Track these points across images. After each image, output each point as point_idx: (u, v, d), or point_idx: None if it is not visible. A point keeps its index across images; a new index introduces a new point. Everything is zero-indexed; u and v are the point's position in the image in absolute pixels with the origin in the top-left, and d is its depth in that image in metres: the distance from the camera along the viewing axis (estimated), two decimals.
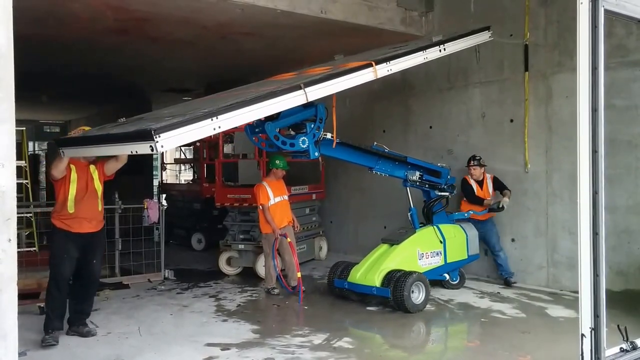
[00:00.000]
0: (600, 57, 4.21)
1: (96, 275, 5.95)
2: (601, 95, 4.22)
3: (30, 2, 6.50)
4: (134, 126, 4.76)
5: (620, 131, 6.84)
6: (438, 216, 7.49)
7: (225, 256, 9.00)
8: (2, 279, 3.09)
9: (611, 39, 6.70)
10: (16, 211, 3.19)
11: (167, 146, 4.01)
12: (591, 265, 4.24)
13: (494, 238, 7.96)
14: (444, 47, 6.56)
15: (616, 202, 6.86)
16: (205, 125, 4.29)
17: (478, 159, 7.99)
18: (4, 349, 3.09)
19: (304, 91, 5.06)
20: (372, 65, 5.71)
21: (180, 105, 6.81)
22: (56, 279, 5.58)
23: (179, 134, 4.08)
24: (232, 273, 8.94)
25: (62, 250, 5.58)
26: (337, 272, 7.20)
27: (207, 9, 7.31)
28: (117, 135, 4.64)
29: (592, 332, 4.23)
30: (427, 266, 7.10)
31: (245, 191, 8.80)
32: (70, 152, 5.27)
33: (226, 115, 4.44)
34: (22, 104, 5.67)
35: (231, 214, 9.10)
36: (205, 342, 5.57)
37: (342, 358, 5.10)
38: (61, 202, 5.62)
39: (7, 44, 3.11)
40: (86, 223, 5.68)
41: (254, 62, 10.41)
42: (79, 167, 5.70)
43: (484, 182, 8.00)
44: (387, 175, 7.17)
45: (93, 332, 5.80)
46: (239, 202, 8.92)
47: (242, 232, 8.97)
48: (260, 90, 5.28)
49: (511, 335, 5.78)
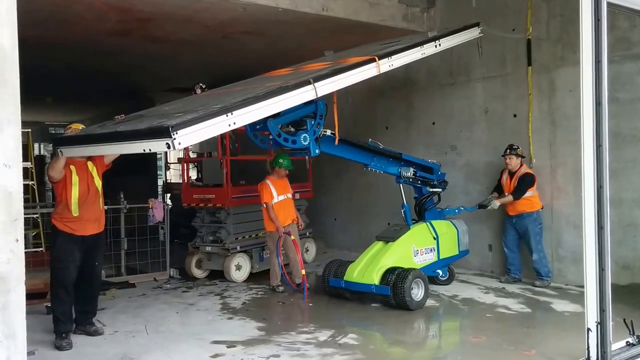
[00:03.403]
0: (603, 50, 4.21)
1: (99, 276, 5.90)
2: (605, 89, 4.22)
3: (35, 4, 6.52)
4: (141, 123, 4.65)
5: (625, 124, 6.82)
6: (430, 212, 7.49)
7: (194, 258, 8.70)
8: (10, 279, 3.11)
9: (614, 31, 6.68)
10: (23, 212, 3.21)
11: (185, 143, 3.88)
12: (597, 259, 4.24)
13: (528, 236, 7.52)
14: (439, 43, 6.58)
15: (621, 196, 6.85)
16: (221, 122, 4.19)
17: (515, 148, 7.57)
18: (13, 348, 3.11)
19: (314, 86, 5.02)
20: (375, 60, 5.69)
21: (178, 102, 6.58)
22: (64, 283, 5.49)
23: (195, 131, 3.96)
24: (201, 276, 8.67)
25: (67, 254, 5.49)
26: (331, 271, 7.05)
27: (209, 8, 7.31)
28: (127, 133, 4.43)
29: (598, 326, 4.24)
30: (422, 263, 7.06)
31: (211, 191, 8.56)
32: (70, 152, 5.08)
33: (241, 110, 4.34)
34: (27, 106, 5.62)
35: (199, 215, 8.81)
36: (212, 339, 5.59)
37: (347, 354, 5.11)
38: (63, 204, 5.50)
39: (12, 45, 3.12)
40: (90, 225, 5.61)
41: (256, 61, 10.41)
42: (79, 167, 5.56)
43: (515, 175, 7.60)
44: (382, 172, 7.15)
45: (100, 331, 5.80)
46: (204, 203, 8.58)
47: (211, 233, 8.59)
48: (266, 86, 5.19)
49: (516, 330, 5.78)
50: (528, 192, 7.49)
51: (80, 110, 19.88)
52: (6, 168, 3.08)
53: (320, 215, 10.88)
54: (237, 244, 8.35)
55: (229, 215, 8.38)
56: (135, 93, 15.23)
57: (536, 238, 7.50)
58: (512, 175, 7.62)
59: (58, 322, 5.48)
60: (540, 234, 7.55)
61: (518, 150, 7.58)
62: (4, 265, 3.08)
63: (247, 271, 8.44)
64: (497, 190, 7.88)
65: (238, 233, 8.45)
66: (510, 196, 7.51)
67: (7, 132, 3.10)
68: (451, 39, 6.82)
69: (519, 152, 7.58)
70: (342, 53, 7.23)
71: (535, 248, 7.51)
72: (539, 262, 7.52)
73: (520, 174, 7.53)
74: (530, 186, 7.49)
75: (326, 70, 5.52)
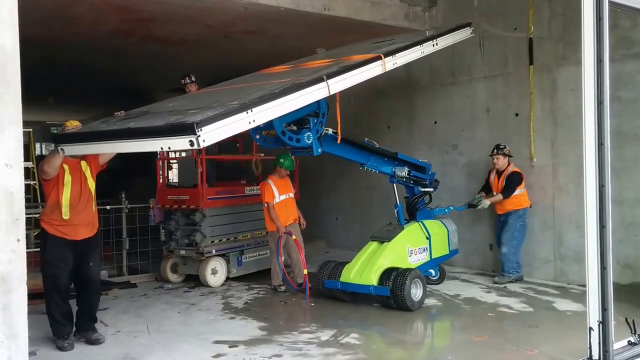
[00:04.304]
0: (605, 49, 4.20)
1: (96, 278, 5.61)
2: (606, 88, 4.22)
3: (36, 4, 6.52)
4: (153, 119, 4.42)
5: (626, 123, 6.81)
6: (421, 212, 7.49)
7: (169, 262, 8.33)
8: (11, 279, 3.11)
9: (616, 31, 6.66)
10: (24, 212, 3.21)
11: (209, 141, 3.67)
12: (598, 259, 4.24)
13: (505, 234, 7.65)
14: (436, 42, 6.57)
15: (623, 195, 6.84)
16: (242, 119, 4.03)
17: (502, 147, 7.71)
18: (14, 348, 3.12)
19: (327, 83, 4.93)
20: (381, 58, 5.64)
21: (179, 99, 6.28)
22: (58, 288, 5.25)
23: (219, 128, 3.79)
24: (176, 280, 8.32)
25: (59, 259, 5.22)
26: (326, 273, 6.91)
27: (211, 7, 7.32)
28: (144, 130, 4.14)
29: (600, 326, 4.23)
30: (416, 262, 7.03)
31: (185, 192, 8.19)
32: (73, 150, 4.77)
33: (261, 107, 4.17)
34: (29, 106, 5.58)
35: (174, 217, 8.33)
36: (213, 339, 5.59)
37: (349, 354, 5.11)
38: (52, 205, 5.20)
39: (13, 45, 3.12)
40: (82, 229, 5.32)
41: (257, 61, 10.35)
42: (72, 167, 5.27)
43: (502, 174, 7.72)
44: (377, 172, 7.14)
45: (101, 340, 5.51)
46: (178, 204, 8.18)
47: (186, 236, 8.15)
48: (273, 83, 5.05)
49: (519, 329, 5.77)
50: (517, 190, 7.58)
51: (82, 110, 19.89)
52: (7, 168, 3.09)
53: (322, 214, 10.89)
54: (213, 248, 7.97)
55: (204, 217, 7.99)
56: (136, 93, 15.24)
57: (513, 234, 7.63)
58: (500, 175, 7.73)
59: (57, 325, 5.33)
60: (520, 230, 7.66)
61: (505, 149, 7.70)
62: (6, 265, 3.09)
63: (223, 276, 8.09)
64: (485, 190, 7.96)
65: (214, 236, 8.04)
66: (499, 195, 7.60)
67: (8, 132, 3.10)
68: (445, 39, 6.81)
69: (506, 152, 7.70)
70: (334, 50, 7.19)
71: (508, 242, 7.63)
72: (506, 257, 7.63)
73: (508, 173, 7.64)
74: (519, 184, 7.59)
75: (336, 68, 5.40)
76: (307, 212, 8.25)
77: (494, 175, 7.82)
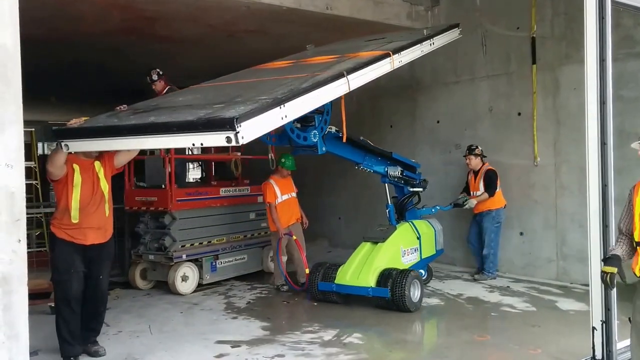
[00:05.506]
0: (607, 48, 4.19)
1: (104, 291, 5.25)
2: (609, 87, 4.21)
3: (37, 2, 6.52)
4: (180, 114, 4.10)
5: (629, 122, 6.77)
6: (410, 212, 7.48)
7: (138, 268, 7.84)
8: (12, 279, 3.11)
9: (619, 30, 6.64)
10: (25, 212, 3.20)
11: (247, 137, 3.46)
12: (601, 258, 4.22)
13: (484, 237, 7.80)
14: (433, 42, 6.59)
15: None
16: (275, 115, 3.83)
17: (474, 148, 7.90)
18: (15, 349, 3.12)
19: (347, 79, 4.84)
20: (389, 55, 5.60)
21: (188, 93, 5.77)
22: (67, 299, 4.87)
23: (256, 124, 3.60)
24: (145, 287, 7.86)
25: (69, 265, 4.86)
26: (319, 275, 6.78)
27: (213, 6, 7.31)
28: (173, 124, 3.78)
29: (603, 325, 4.22)
30: (409, 263, 7.01)
31: (153, 193, 7.72)
32: (80, 146, 4.43)
33: (293, 103, 4.00)
34: (30, 105, 5.55)
35: (143, 220, 7.82)
36: (216, 339, 5.58)
37: (352, 354, 5.10)
38: (62, 208, 4.86)
39: (14, 44, 3.12)
40: (92, 233, 4.94)
41: (259, 60, 10.34)
42: (83, 167, 4.91)
43: (478, 174, 7.88)
44: (371, 172, 7.13)
45: (101, 353, 5.19)
46: (147, 206, 7.71)
47: (155, 240, 7.62)
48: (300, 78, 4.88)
49: (521, 329, 5.76)
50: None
51: (84, 109, 19.81)
52: (8, 168, 3.09)
53: (325, 214, 10.87)
54: (183, 252, 7.48)
55: (173, 220, 7.48)
56: (139, 92, 15.24)
57: (490, 235, 7.78)
58: (476, 174, 7.87)
59: (64, 344, 4.94)
60: (495, 232, 7.80)
61: (476, 150, 7.89)
62: (7, 265, 3.08)
63: (195, 283, 7.65)
64: (466, 191, 8.03)
65: (185, 240, 7.52)
66: (485, 194, 7.71)
67: (9, 132, 3.10)
68: (439, 38, 6.82)
69: (477, 152, 7.89)
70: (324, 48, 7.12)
71: (488, 244, 7.78)
72: (486, 258, 7.79)
73: (484, 172, 7.79)
74: (497, 180, 7.76)
75: (351, 64, 5.28)
76: (310, 212, 8.22)
77: (471, 175, 7.97)
